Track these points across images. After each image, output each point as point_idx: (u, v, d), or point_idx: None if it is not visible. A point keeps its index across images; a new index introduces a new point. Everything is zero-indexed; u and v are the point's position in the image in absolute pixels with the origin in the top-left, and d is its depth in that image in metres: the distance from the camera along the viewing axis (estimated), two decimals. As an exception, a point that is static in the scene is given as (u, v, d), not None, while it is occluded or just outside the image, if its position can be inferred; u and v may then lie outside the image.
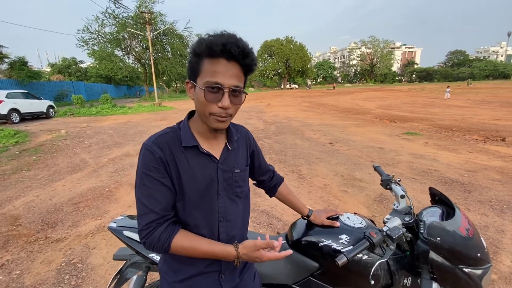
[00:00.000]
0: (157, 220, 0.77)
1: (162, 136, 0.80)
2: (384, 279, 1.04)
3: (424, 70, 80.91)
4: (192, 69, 0.76)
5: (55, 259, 2.45)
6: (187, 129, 0.83)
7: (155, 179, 0.76)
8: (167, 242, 0.76)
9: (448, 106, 15.02)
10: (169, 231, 0.77)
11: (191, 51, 0.76)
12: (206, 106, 0.74)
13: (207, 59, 0.73)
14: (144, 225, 0.77)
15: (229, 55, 0.71)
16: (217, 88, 0.72)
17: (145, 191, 0.77)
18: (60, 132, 9.24)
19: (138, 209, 0.79)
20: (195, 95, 0.77)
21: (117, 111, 16.62)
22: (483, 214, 3.09)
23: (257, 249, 0.77)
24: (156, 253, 1.16)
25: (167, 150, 0.78)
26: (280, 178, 1.18)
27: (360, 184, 4.08)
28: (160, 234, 0.76)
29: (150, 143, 0.78)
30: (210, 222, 0.84)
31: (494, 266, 2.24)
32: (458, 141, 6.87)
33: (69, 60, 36.35)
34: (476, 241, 0.98)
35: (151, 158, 0.76)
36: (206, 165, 0.83)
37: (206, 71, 0.73)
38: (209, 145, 0.85)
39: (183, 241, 0.78)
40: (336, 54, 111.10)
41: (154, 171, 0.76)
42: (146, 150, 0.77)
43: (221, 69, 0.72)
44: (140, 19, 25.97)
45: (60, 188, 4.20)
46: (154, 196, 0.77)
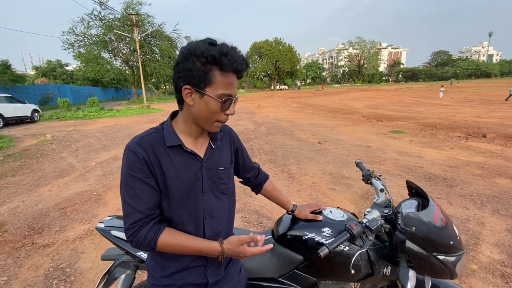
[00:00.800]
0: (142, 219, 0.79)
1: (145, 137, 0.82)
2: (365, 268, 1.09)
3: (409, 70, 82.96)
4: (199, 77, 0.75)
5: (43, 265, 2.41)
6: (170, 129, 0.85)
7: (139, 179, 0.78)
8: (153, 240, 0.79)
9: (433, 105, 15.47)
10: (154, 229, 0.80)
11: (200, 57, 0.73)
12: (216, 115, 0.80)
13: (218, 71, 0.75)
14: (130, 224, 0.79)
15: (237, 71, 0.78)
16: (229, 99, 0.79)
17: (130, 191, 0.78)
18: (46, 137, 9.01)
19: (124, 209, 0.81)
20: (200, 102, 0.78)
21: (105, 114, 16.32)
22: (465, 207, 3.22)
23: (241, 243, 0.80)
24: (143, 251, 1.18)
25: (150, 150, 0.80)
26: (265, 176, 1.22)
27: (348, 181, 4.17)
28: (146, 233, 0.79)
29: (133, 144, 0.80)
30: (195, 219, 0.87)
31: (475, 257, 2.35)
32: (442, 138, 7.11)
33: (54, 63, 35.44)
34: (449, 230, 1.04)
35: (134, 159, 0.78)
36: (190, 163, 0.85)
37: (219, 83, 0.76)
38: (194, 144, 0.88)
39: (168, 239, 0.80)
40: (325, 55, 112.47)
41: (138, 172, 0.78)
42: (130, 151, 0.79)
43: (232, 82, 0.78)
44: (127, 21, 25.61)
45: (46, 193, 4.12)
46: (139, 196, 0.79)
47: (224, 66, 0.73)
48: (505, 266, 2.22)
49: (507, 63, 79.19)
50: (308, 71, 76.80)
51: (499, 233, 2.68)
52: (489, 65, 76.20)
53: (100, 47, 27.27)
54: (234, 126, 10.19)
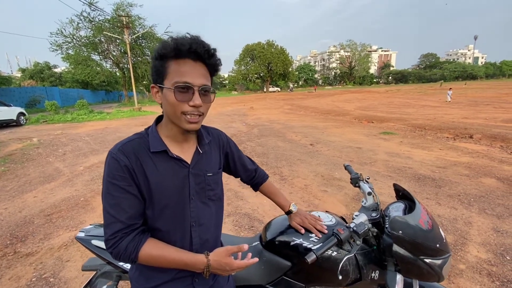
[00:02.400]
0: (123, 229, 0.75)
1: (128, 143, 0.79)
2: (353, 273, 1.08)
3: (399, 72, 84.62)
4: (158, 72, 0.76)
5: (25, 275, 2.32)
6: (155, 134, 0.82)
7: (121, 187, 0.75)
8: (134, 252, 0.75)
9: (422, 106, 15.77)
10: (136, 240, 0.76)
11: (155, 55, 0.76)
12: (177, 106, 0.74)
13: (173, 61, 0.73)
14: (110, 235, 0.75)
15: (195, 55, 0.73)
16: (186, 88, 0.73)
17: (111, 200, 0.75)
18: (32, 141, 8.77)
19: (104, 218, 0.77)
20: (163, 98, 0.77)
21: (95, 117, 16.04)
22: (452, 207, 3.27)
23: (228, 254, 0.78)
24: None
25: (133, 157, 0.76)
26: (263, 176, 1.21)
27: (339, 183, 4.19)
28: (127, 244, 0.75)
29: (116, 150, 0.76)
30: (182, 227, 0.84)
31: (462, 257, 2.38)
32: (430, 139, 7.24)
33: (42, 65, 34.74)
34: (435, 233, 1.04)
35: (116, 166, 0.75)
36: (176, 170, 0.82)
37: (173, 72, 0.74)
38: (180, 149, 0.84)
39: (151, 251, 0.77)
40: (316, 57, 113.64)
41: (119, 180, 0.75)
42: (111, 158, 0.76)
43: (189, 69, 0.74)
44: (117, 22, 25.29)
45: (30, 199, 3.99)
46: (120, 205, 0.75)
47: (175, 52, 0.72)
48: (492, 265, 2.25)
49: (491, 65, 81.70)
50: (300, 73, 77.42)
51: (485, 232, 2.72)
52: (475, 67, 78.45)
53: (89, 49, 26.85)
54: (227, 128, 10.16)
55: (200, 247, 0.87)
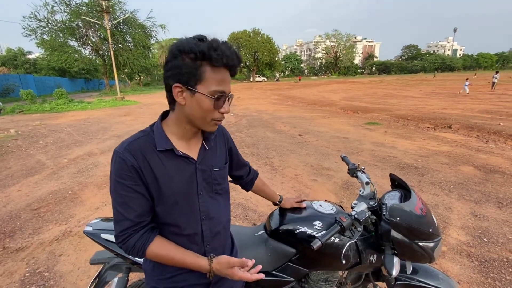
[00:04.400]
0: (132, 227, 0.77)
1: (134, 142, 0.79)
2: (354, 258, 1.16)
3: (382, 63, 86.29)
4: (190, 74, 0.72)
5: (17, 270, 2.27)
6: (161, 131, 0.81)
7: (128, 187, 0.76)
8: (142, 250, 0.78)
9: (404, 97, 16.27)
10: (144, 239, 0.78)
11: (189, 53, 0.70)
12: (210, 113, 0.76)
13: (209, 67, 0.71)
14: (119, 232, 0.78)
15: (229, 66, 0.75)
16: (222, 96, 0.75)
17: (119, 198, 0.76)
18: (9, 132, 8.33)
19: (114, 215, 0.79)
20: (191, 100, 0.75)
21: (75, 106, 15.38)
22: (434, 194, 3.48)
23: (230, 266, 0.78)
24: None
25: (140, 156, 0.77)
26: (255, 172, 1.24)
27: (328, 172, 4.32)
28: (135, 242, 0.77)
29: (122, 150, 0.76)
30: (192, 222, 0.86)
31: (444, 239, 2.56)
32: (413, 129, 7.54)
33: (15, 51, 32.52)
34: (429, 218, 1.13)
35: (123, 166, 0.75)
36: (183, 167, 0.83)
37: (211, 79, 0.72)
38: (187, 146, 0.85)
39: (157, 250, 0.80)
40: (302, 47, 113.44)
41: (126, 179, 0.75)
42: (118, 158, 0.76)
43: (224, 78, 0.75)
44: (96, 6, 23.96)
45: (15, 193, 3.84)
46: (128, 204, 0.76)
47: (213, 60, 0.70)
48: (470, 246, 2.45)
49: (469, 57, 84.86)
50: (286, 62, 77.14)
51: (464, 217, 2.93)
52: (453, 59, 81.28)
53: (66, 34, 25.35)
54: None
55: (211, 240, 0.90)
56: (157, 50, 44.90)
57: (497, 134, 6.54)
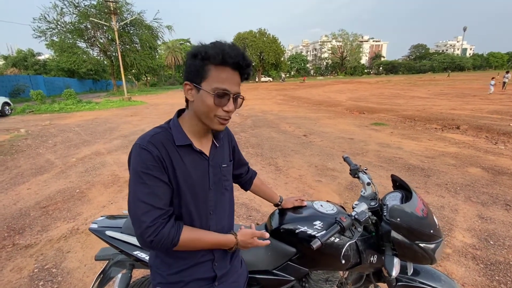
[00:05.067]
0: (162, 215, 0.79)
1: (156, 136, 0.83)
2: (354, 258, 1.16)
3: (390, 63, 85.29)
4: (197, 72, 0.79)
5: (26, 266, 2.34)
6: (179, 128, 0.87)
7: (155, 177, 0.79)
8: (177, 236, 0.80)
9: (411, 97, 16.07)
10: (177, 226, 0.82)
11: (195, 54, 0.78)
12: (212, 109, 0.80)
13: (214, 66, 0.78)
14: (150, 222, 0.76)
15: (234, 66, 0.79)
16: (224, 94, 0.79)
17: (146, 189, 0.78)
18: (20, 131, 8.53)
19: (137, 208, 0.78)
20: (197, 97, 0.81)
21: (83, 107, 15.63)
22: (440, 195, 3.44)
23: (253, 236, 0.92)
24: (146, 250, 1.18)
25: (162, 148, 0.81)
26: (254, 172, 1.28)
27: (333, 173, 4.31)
28: (170, 230, 0.79)
29: (145, 142, 0.80)
30: (202, 215, 0.90)
31: (449, 242, 2.53)
32: (420, 130, 7.44)
33: (25, 52, 33.21)
34: (430, 220, 1.12)
35: (148, 157, 0.78)
36: (198, 162, 0.88)
37: (214, 77, 0.78)
38: (200, 143, 0.90)
39: (190, 235, 0.84)
40: (308, 47, 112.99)
41: (153, 169, 0.78)
42: (142, 150, 0.79)
43: (228, 77, 0.79)
44: (104, 8, 24.32)
45: (24, 191, 3.94)
46: (156, 193, 0.79)
47: (211, 58, 0.76)
48: (476, 249, 2.41)
49: (479, 57, 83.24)
50: (292, 63, 76.94)
51: (470, 219, 2.89)
52: (463, 58, 79.81)
53: (75, 36, 25.83)
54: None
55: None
56: (164, 51, 45.33)
57: (506, 135, 6.42)
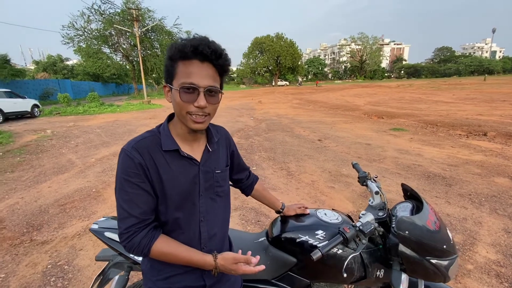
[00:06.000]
0: (137, 224, 0.78)
1: (141, 141, 0.81)
2: (358, 271, 1.09)
3: (412, 67, 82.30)
4: (168, 72, 0.79)
5: (41, 262, 2.43)
6: (167, 132, 0.84)
7: (135, 184, 0.77)
8: (147, 248, 0.78)
9: (434, 102, 15.38)
10: (149, 236, 0.79)
11: (166, 55, 0.79)
12: (182, 106, 0.76)
13: (181, 62, 0.75)
14: (124, 229, 0.78)
15: (201, 57, 0.74)
16: (192, 89, 0.75)
17: (125, 196, 0.78)
18: (46, 132, 9.02)
19: (118, 213, 0.80)
20: (172, 97, 0.79)
21: (105, 109, 16.30)
22: (462, 207, 3.22)
23: (235, 262, 0.80)
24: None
25: (146, 155, 0.79)
26: (255, 177, 1.23)
27: (347, 180, 4.17)
28: (141, 240, 0.78)
29: (129, 148, 0.79)
30: (191, 222, 0.87)
31: (470, 257, 2.35)
32: (442, 136, 7.08)
33: (55, 58, 35.34)
34: (443, 234, 1.03)
35: (130, 163, 0.77)
36: (187, 168, 0.84)
37: (180, 73, 0.75)
38: (190, 147, 0.87)
39: (162, 248, 0.80)
40: (326, 50, 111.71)
41: (133, 177, 0.77)
42: (125, 156, 0.78)
43: (195, 70, 0.74)
44: (127, 15, 25.41)
45: (45, 189, 4.13)
46: (134, 201, 0.78)
47: (177, 54, 0.75)
48: (501, 266, 2.22)
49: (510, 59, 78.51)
50: (309, 67, 76.38)
51: (496, 233, 2.68)
52: (492, 61, 75.50)
53: (100, 42, 27.13)
54: (235, 123, 10.18)
55: (208, 241, 0.90)
56: (183, 56, 46.44)
57: (539, 143, 5.95)
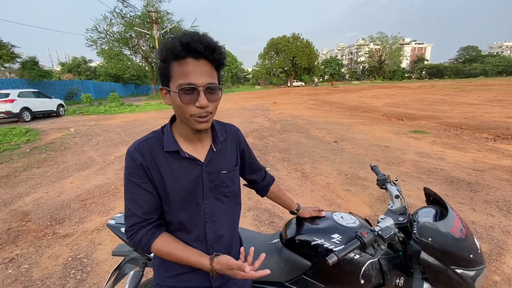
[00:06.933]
0: (139, 223, 0.80)
1: (144, 142, 0.82)
2: (376, 278, 1.04)
3: (434, 67, 78.97)
4: (162, 75, 0.75)
5: (62, 254, 2.53)
6: (169, 133, 0.84)
7: (137, 184, 0.79)
8: (147, 245, 0.81)
9: (459, 104, 14.68)
10: (149, 235, 0.81)
11: (157, 57, 0.75)
12: (184, 109, 0.73)
13: (175, 62, 0.72)
14: (128, 227, 0.81)
15: (195, 54, 0.70)
16: (191, 89, 0.71)
17: (129, 195, 0.80)
18: (69, 130, 9.45)
19: (124, 211, 0.83)
20: (171, 100, 0.77)
21: (125, 109, 16.86)
22: (489, 214, 3.04)
23: (229, 268, 0.75)
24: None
25: (148, 156, 0.80)
26: (271, 178, 1.19)
27: (364, 183, 4.05)
28: (141, 237, 0.80)
29: (132, 149, 0.80)
30: (196, 223, 0.86)
31: (497, 267, 2.21)
32: (467, 139, 6.73)
33: (79, 59, 36.99)
34: (469, 242, 0.97)
35: (132, 164, 0.79)
36: (189, 168, 0.83)
37: (176, 74, 0.72)
38: (194, 148, 0.85)
39: (161, 246, 0.81)
40: (344, 51, 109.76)
41: (135, 177, 0.79)
42: (129, 156, 0.80)
43: (191, 68, 0.71)
44: (147, 18, 26.19)
45: (68, 185, 4.32)
46: (136, 201, 0.80)
47: (169, 55, 0.71)
48: (533, 279, 2.07)
49: (543, 59, 73.49)
50: (326, 67, 75.27)
51: (527, 244, 2.50)
52: (522, 61, 71.06)
53: (121, 44, 28.14)
54: (249, 123, 10.20)
55: (214, 243, 0.88)
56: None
57: None
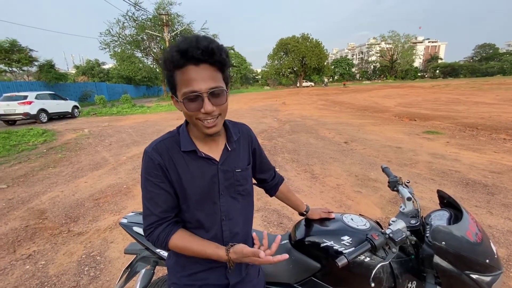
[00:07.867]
0: (157, 221, 0.83)
1: (161, 142, 0.84)
2: (387, 282, 1.03)
3: (448, 66, 76.69)
4: (170, 84, 0.78)
5: (76, 251, 2.60)
6: (185, 134, 0.86)
7: (155, 184, 0.81)
8: (165, 241, 0.83)
9: (475, 103, 14.22)
10: (166, 231, 0.83)
11: (162, 67, 0.78)
12: (191, 115, 0.77)
13: (177, 71, 0.74)
14: (146, 226, 0.84)
15: (194, 60, 0.71)
16: (195, 96, 0.73)
17: (147, 194, 0.83)
18: (84, 131, 9.72)
19: (143, 209, 0.86)
20: (180, 107, 0.79)
21: (137, 110, 17.19)
22: (507, 218, 2.93)
23: (244, 256, 0.77)
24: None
25: (166, 156, 0.82)
26: (281, 178, 1.20)
27: (375, 184, 3.98)
28: (159, 234, 0.83)
29: (150, 149, 0.83)
30: (213, 221, 0.88)
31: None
32: (483, 140, 6.51)
33: (93, 62, 37.98)
34: (485, 247, 0.94)
35: (150, 164, 0.81)
36: (206, 168, 0.86)
37: (180, 82, 0.74)
38: (209, 148, 0.88)
39: (178, 242, 0.83)
40: (354, 50, 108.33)
41: (153, 176, 0.81)
42: (147, 156, 0.82)
43: (193, 75, 0.71)
44: (158, 20, 26.64)
45: (82, 184, 4.44)
46: (155, 200, 0.82)
47: (170, 64, 0.72)
48: (555, 287, 1.98)
49: None
50: (336, 67, 74.38)
51: (548, 249, 2.39)
52: (543, 59, 68.09)
53: (133, 47, 28.69)
54: (258, 124, 10.20)
55: (230, 240, 0.90)
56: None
57: None
